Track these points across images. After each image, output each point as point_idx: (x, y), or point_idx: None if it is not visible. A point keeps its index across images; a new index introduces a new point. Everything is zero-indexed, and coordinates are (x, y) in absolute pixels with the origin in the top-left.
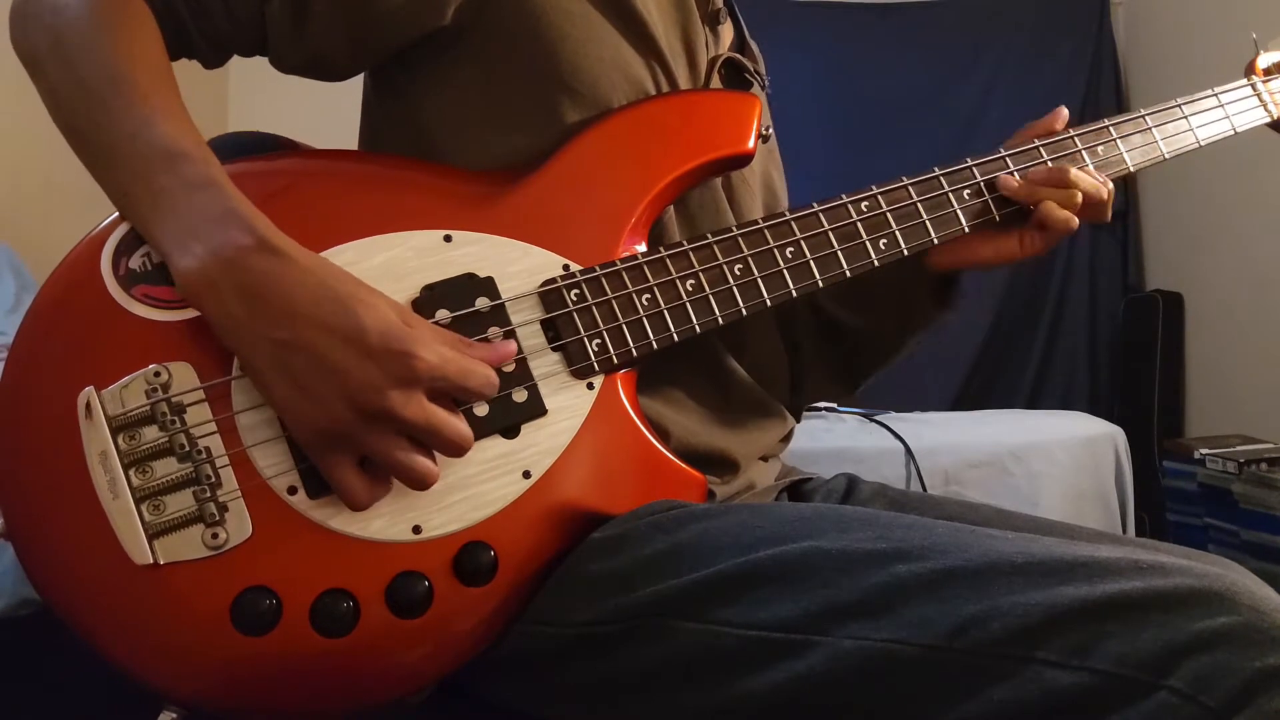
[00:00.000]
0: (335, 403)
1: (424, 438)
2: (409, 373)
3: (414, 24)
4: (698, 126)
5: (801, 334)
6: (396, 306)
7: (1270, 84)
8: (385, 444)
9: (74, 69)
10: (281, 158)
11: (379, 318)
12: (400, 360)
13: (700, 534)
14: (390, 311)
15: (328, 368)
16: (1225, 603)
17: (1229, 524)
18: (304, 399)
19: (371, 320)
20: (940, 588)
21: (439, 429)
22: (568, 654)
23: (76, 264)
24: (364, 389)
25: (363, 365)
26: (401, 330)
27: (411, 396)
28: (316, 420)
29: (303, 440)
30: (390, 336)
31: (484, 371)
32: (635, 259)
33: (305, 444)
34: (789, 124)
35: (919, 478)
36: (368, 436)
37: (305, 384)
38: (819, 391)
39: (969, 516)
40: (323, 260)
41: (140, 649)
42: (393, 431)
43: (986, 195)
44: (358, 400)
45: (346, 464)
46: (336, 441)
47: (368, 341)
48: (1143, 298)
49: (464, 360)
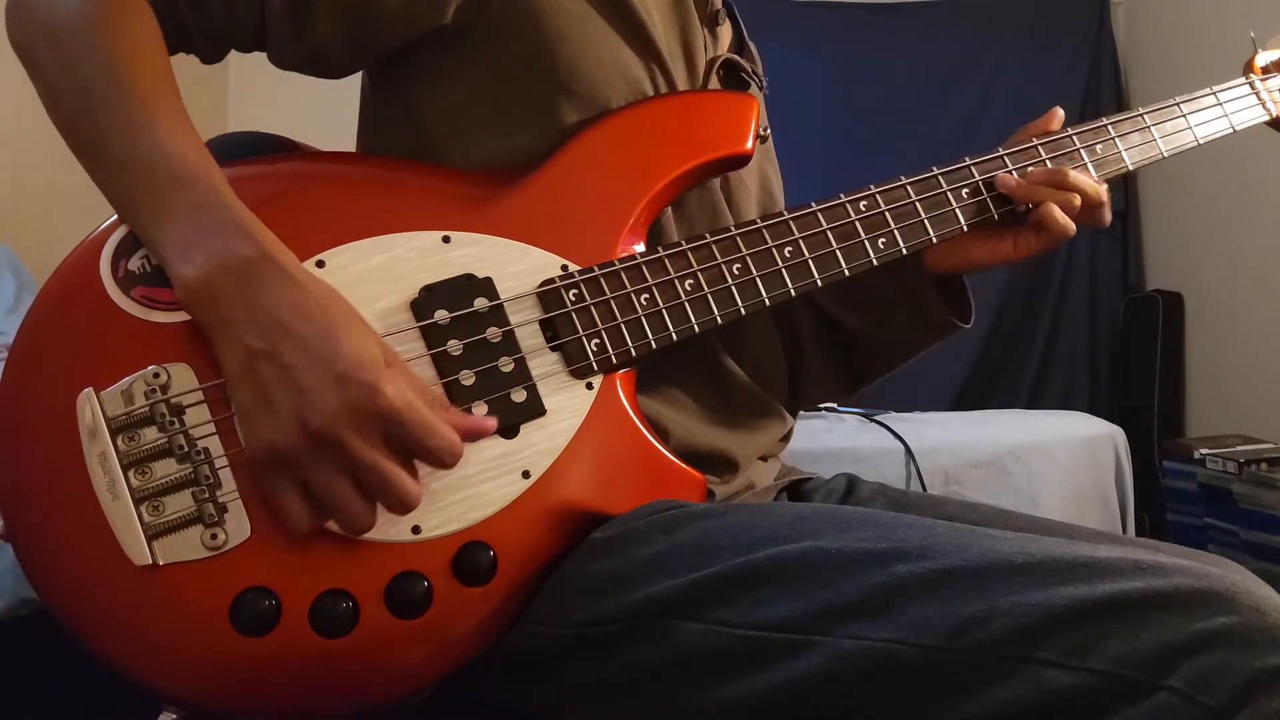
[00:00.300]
0: (289, 420)
1: (367, 479)
2: (368, 406)
3: (414, 22)
4: (696, 127)
5: (803, 335)
6: (384, 346)
7: (1268, 82)
8: (326, 477)
9: (73, 68)
10: (280, 160)
11: (357, 347)
12: (362, 391)
13: (700, 534)
14: (373, 345)
15: (290, 384)
16: (1225, 603)
17: (1229, 524)
18: (262, 411)
19: (348, 347)
20: (940, 588)
21: (385, 475)
22: (567, 654)
23: (76, 266)
24: (319, 412)
25: (325, 389)
26: (374, 364)
27: (364, 433)
28: (266, 433)
29: (250, 451)
30: (360, 366)
31: (448, 436)
32: (634, 259)
33: (252, 458)
34: (789, 124)
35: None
36: (311, 463)
37: (267, 397)
38: (819, 391)
39: (969, 516)
40: (322, 282)
41: (139, 650)
42: (337, 466)
43: (985, 194)
44: (310, 422)
45: (288, 487)
46: (282, 461)
47: (337, 366)
48: (1143, 298)
49: (429, 416)
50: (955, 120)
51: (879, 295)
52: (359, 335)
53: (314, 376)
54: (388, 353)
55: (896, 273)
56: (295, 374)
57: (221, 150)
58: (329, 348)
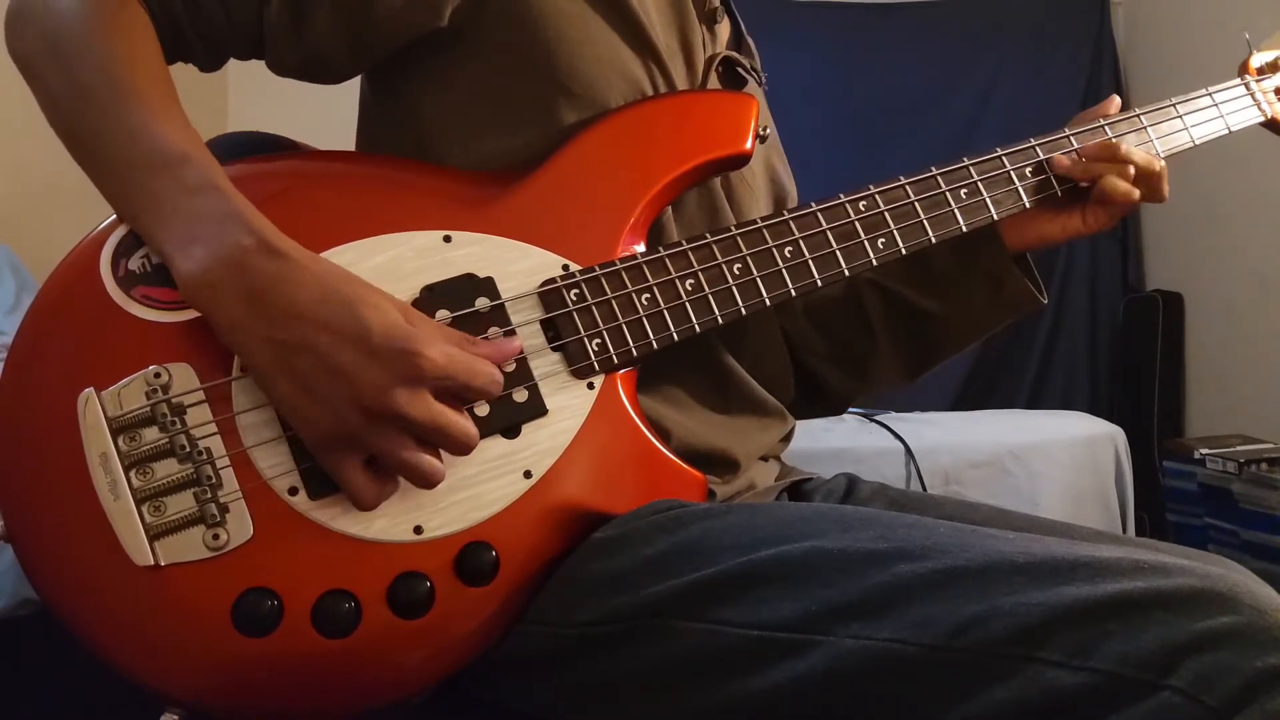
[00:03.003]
0: (341, 404)
1: (430, 436)
2: (415, 372)
3: (412, 25)
4: (696, 127)
5: (873, 318)
6: (400, 305)
7: (1263, 83)
8: (392, 444)
9: (71, 74)
10: (281, 159)
11: (383, 318)
12: (405, 360)
13: (701, 534)
14: (394, 311)
15: (333, 369)
16: (1227, 602)
17: (1229, 524)
18: (309, 401)
19: (376, 320)
20: (941, 588)
21: (445, 428)
22: (569, 654)
23: (76, 265)
24: (370, 390)
25: (368, 366)
26: (406, 329)
27: (417, 396)
28: (322, 422)
29: (309, 441)
30: (395, 336)
31: (489, 370)
32: (634, 259)
33: (312, 445)
34: (789, 124)
35: (919, 478)
36: (374, 437)
37: (310, 386)
38: (887, 375)
39: (969, 516)
40: (325, 261)
41: (141, 651)
42: (399, 431)
43: (984, 194)
44: (364, 401)
45: (354, 465)
46: (343, 443)
47: (372, 342)
48: (1143, 298)
49: (469, 359)
50: (955, 120)
51: (956, 275)
52: (377, 305)
53: (352, 358)
54: (405, 310)
55: (972, 251)
56: (330, 358)
57: (221, 150)
58: (356, 325)
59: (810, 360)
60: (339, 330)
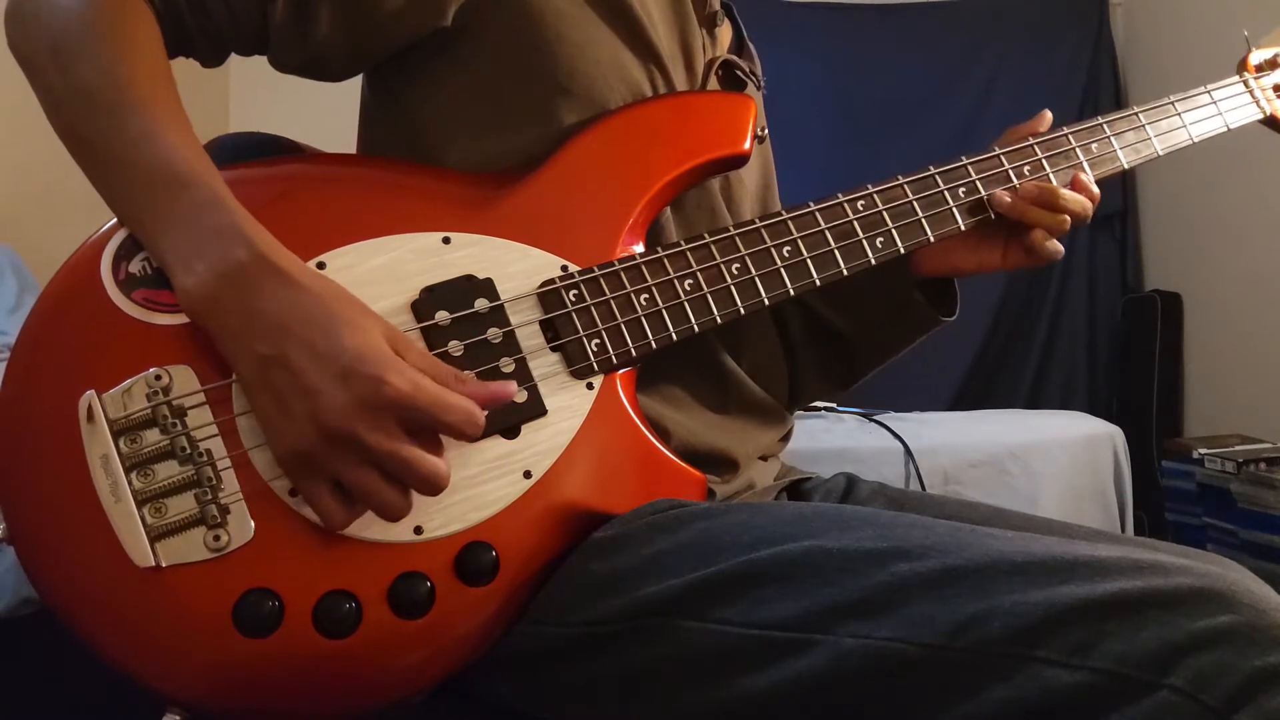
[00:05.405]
0: (304, 422)
1: (390, 468)
2: (376, 398)
3: (415, 25)
4: (694, 128)
5: (794, 333)
6: (390, 332)
7: (1262, 80)
8: (351, 471)
9: (73, 74)
10: (281, 162)
11: (361, 339)
12: (367, 383)
13: (701, 533)
14: (378, 335)
15: (303, 387)
16: (1225, 602)
17: (1227, 523)
18: (281, 416)
19: (351, 342)
20: (941, 587)
21: (407, 461)
22: (569, 654)
23: (76, 268)
24: (329, 411)
25: (333, 387)
26: (378, 354)
27: (378, 424)
28: (286, 438)
29: (278, 458)
30: (364, 360)
31: (464, 406)
32: (633, 259)
33: (280, 461)
34: (788, 124)
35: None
36: (334, 460)
37: (282, 401)
38: (813, 388)
39: (968, 516)
40: (323, 279)
41: (142, 652)
42: (359, 459)
43: (982, 193)
44: (322, 421)
45: (319, 485)
46: (308, 462)
47: (341, 363)
48: (1141, 298)
49: (440, 392)
50: (955, 120)
51: (861, 295)
52: (360, 328)
53: (320, 376)
54: (394, 337)
55: (879, 273)
56: (303, 376)
57: (222, 151)
58: (331, 345)
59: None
60: (316, 349)
